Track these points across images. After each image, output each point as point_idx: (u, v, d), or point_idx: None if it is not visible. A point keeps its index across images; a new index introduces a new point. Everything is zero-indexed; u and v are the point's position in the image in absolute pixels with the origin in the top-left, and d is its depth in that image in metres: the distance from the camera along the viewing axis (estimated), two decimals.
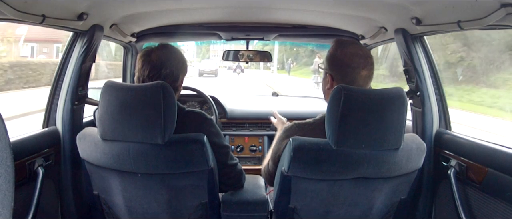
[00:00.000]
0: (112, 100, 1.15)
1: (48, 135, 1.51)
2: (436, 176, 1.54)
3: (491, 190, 1.25)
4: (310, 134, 1.21)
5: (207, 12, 1.82)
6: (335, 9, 1.65)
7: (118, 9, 1.56)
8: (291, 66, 24.99)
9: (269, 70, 27.41)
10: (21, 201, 1.29)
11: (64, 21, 1.35)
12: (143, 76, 1.26)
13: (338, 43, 1.27)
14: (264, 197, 1.40)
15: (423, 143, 1.23)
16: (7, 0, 1.03)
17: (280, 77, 21.15)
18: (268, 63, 11.49)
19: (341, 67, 1.24)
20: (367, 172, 1.16)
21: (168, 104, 1.13)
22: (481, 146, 1.33)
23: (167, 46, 1.32)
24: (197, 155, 1.18)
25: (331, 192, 1.21)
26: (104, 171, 1.25)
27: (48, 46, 13.91)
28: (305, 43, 14.55)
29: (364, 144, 1.12)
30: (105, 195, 1.32)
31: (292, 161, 1.15)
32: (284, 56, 26.67)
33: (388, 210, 1.31)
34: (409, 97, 1.65)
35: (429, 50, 1.60)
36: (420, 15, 1.39)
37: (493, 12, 1.07)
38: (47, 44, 13.76)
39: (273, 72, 24.59)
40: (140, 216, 1.30)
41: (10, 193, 0.55)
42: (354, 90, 1.11)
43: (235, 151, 2.57)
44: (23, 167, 1.30)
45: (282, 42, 17.13)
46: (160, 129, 1.12)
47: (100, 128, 1.18)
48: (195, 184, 1.25)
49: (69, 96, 1.53)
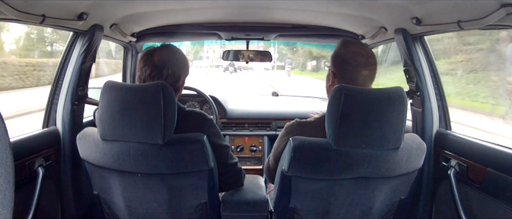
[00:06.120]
0: (112, 100, 1.15)
1: (48, 135, 1.50)
2: (436, 176, 1.54)
3: (491, 190, 1.25)
4: (311, 132, 1.21)
5: (207, 12, 1.82)
6: (335, 9, 1.65)
7: (118, 9, 1.56)
8: (290, 68, 25.09)
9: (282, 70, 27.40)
10: (21, 201, 1.29)
11: (64, 21, 1.35)
12: (145, 76, 1.26)
13: (342, 42, 1.31)
14: (264, 197, 1.40)
15: (423, 143, 1.24)
16: (7, 0, 1.03)
17: (280, 76, 21.07)
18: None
19: (343, 65, 1.26)
20: (367, 172, 1.16)
21: (168, 104, 1.13)
22: (481, 146, 1.33)
23: (169, 46, 1.32)
24: (197, 155, 1.18)
25: (331, 192, 1.21)
26: (104, 171, 1.25)
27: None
28: (305, 43, 14.60)
29: (364, 144, 1.12)
30: (105, 195, 1.32)
31: (292, 161, 1.15)
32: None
33: (388, 210, 1.31)
34: (409, 97, 1.65)
35: (429, 50, 1.60)
36: (420, 15, 1.39)
37: (493, 12, 1.07)
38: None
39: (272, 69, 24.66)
40: (140, 216, 1.30)
41: (10, 193, 0.54)
42: (354, 89, 1.11)
43: (235, 151, 2.57)
44: (23, 167, 1.30)
45: (282, 42, 17.13)
46: (160, 129, 1.12)
47: (100, 128, 1.18)
48: (195, 184, 1.25)
49: (69, 96, 1.53)
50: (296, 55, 30.56)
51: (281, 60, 31.24)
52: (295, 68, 28.70)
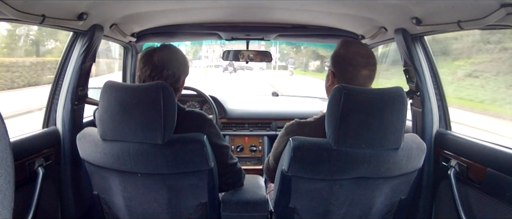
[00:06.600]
0: (112, 100, 1.15)
1: (48, 135, 1.51)
2: (436, 176, 1.54)
3: (491, 190, 1.25)
4: (311, 132, 1.21)
5: (207, 12, 1.82)
6: (335, 9, 1.65)
7: (118, 9, 1.56)
8: (293, 68, 25.00)
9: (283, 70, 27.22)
10: (21, 201, 1.29)
11: (64, 21, 1.35)
12: (145, 76, 1.26)
13: (343, 42, 1.31)
14: (264, 197, 1.40)
15: (423, 143, 1.24)
16: (7, 0, 1.03)
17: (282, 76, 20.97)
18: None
19: (343, 65, 1.26)
20: (367, 172, 1.16)
21: (168, 104, 1.13)
22: (481, 146, 1.33)
23: (169, 47, 1.32)
24: (197, 155, 1.18)
25: (331, 192, 1.21)
26: (104, 171, 1.25)
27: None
28: (305, 43, 14.65)
29: (364, 144, 1.12)
30: (105, 195, 1.32)
31: (292, 161, 1.15)
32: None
33: (388, 210, 1.31)
34: (409, 97, 1.65)
35: (429, 50, 1.60)
36: (420, 15, 1.39)
37: (493, 12, 1.07)
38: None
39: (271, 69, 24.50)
40: (140, 216, 1.30)
41: (10, 193, 0.54)
42: (354, 89, 1.11)
43: (235, 151, 2.57)
44: (23, 167, 1.30)
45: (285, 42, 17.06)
46: (160, 129, 1.12)
47: (100, 128, 1.18)
48: (195, 184, 1.25)
49: (69, 96, 1.53)
50: (299, 55, 30.28)
51: (283, 60, 31.15)
52: (297, 68, 28.38)
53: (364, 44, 1.43)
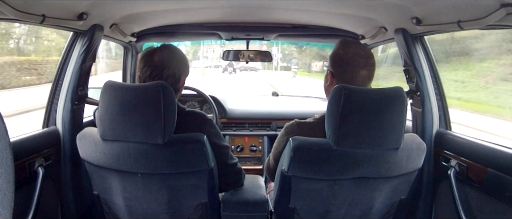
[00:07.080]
0: (112, 100, 1.15)
1: (48, 135, 1.51)
2: (436, 176, 1.54)
3: (492, 191, 1.25)
4: (310, 133, 1.21)
5: (207, 12, 1.82)
6: (335, 9, 1.65)
7: (118, 9, 1.56)
8: (296, 69, 24.78)
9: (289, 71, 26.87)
10: (21, 201, 1.29)
11: (64, 21, 1.35)
12: (145, 76, 1.26)
13: (341, 42, 1.30)
14: (264, 197, 1.40)
15: (423, 143, 1.24)
16: (7, 0, 1.03)
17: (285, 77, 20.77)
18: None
19: (341, 65, 1.26)
20: (367, 172, 1.16)
21: (168, 104, 1.13)
22: (482, 146, 1.33)
23: (169, 47, 1.32)
24: (197, 155, 1.18)
25: (331, 192, 1.21)
26: (104, 171, 1.25)
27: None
28: (306, 43, 14.62)
29: (364, 144, 1.12)
30: (105, 195, 1.32)
31: (292, 161, 1.15)
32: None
33: (388, 210, 1.31)
34: (409, 97, 1.65)
35: (429, 50, 1.60)
36: (420, 15, 1.39)
37: (493, 12, 1.07)
38: None
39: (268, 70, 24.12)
40: (140, 216, 1.30)
41: (10, 193, 0.54)
42: (354, 90, 1.11)
43: (235, 151, 2.57)
44: (23, 167, 1.30)
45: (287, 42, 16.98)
46: (160, 129, 1.12)
47: (100, 128, 1.18)
48: (195, 184, 1.25)
49: (69, 96, 1.54)
50: (302, 55, 29.71)
51: (284, 60, 30.92)
52: (300, 69, 27.77)
53: (363, 44, 1.43)
